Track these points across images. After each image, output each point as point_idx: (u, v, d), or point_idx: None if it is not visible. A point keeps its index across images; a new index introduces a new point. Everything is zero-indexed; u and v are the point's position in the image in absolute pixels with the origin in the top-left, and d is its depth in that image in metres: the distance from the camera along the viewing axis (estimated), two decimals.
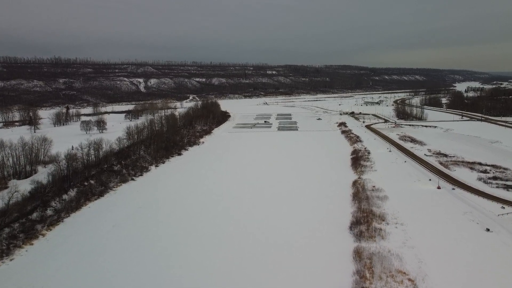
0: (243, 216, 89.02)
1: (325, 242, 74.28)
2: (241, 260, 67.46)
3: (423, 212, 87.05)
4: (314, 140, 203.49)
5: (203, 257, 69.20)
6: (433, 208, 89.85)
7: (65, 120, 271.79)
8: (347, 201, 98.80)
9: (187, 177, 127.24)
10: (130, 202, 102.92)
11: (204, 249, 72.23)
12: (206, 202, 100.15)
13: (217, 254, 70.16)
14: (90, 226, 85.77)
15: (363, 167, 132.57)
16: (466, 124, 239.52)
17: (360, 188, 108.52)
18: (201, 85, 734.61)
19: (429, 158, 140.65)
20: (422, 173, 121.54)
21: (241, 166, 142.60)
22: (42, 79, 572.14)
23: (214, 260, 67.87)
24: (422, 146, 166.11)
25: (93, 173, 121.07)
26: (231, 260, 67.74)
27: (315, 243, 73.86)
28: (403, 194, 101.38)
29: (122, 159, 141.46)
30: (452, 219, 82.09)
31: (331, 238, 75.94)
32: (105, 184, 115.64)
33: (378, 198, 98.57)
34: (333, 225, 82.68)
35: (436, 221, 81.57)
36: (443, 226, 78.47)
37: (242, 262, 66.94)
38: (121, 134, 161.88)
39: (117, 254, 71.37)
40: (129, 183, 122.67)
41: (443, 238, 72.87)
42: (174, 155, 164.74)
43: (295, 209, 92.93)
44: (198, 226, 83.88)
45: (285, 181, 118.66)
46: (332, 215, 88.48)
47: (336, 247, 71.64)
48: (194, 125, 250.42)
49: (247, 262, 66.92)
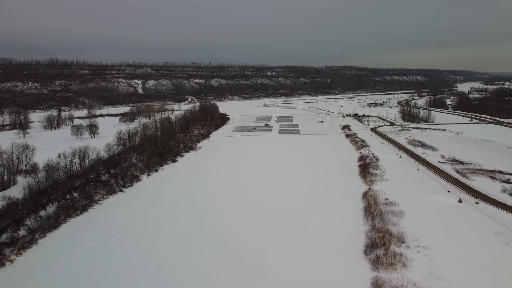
0: (242, 238, 78.08)
1: (336, 270, 63.45)
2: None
3: (447, 232, 76.21)
4: (317, 144, 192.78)
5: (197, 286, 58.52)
6: (458, 226, 79.03)
7: (57, 123, 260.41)
8: (358, 217, 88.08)
9: (181, 189, 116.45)
10: (116, 218, 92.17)
11: (198, 277, 61.43)
12: (199, 219, 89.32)
13: (213, 284, 59.42)
14: (66, 249, 75.00)
15: (373, 176, 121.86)
16: (477, 127, 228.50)
17: (372, 201, 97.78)
18: (200, 87, 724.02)
19: (443, 166, 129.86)
20: (438, 183, 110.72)
21: (240, 175, 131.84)
22: (37, 80, 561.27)
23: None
24: (434, 151, 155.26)
25: (77, 184, 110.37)
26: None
27: (324, 271, 63.04)
28: (421, 208, 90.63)
29: (111, 168, 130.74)
30: (482, 242, 71.21)
31: (344, 265, 65.08)
32: (90, 197, 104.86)
33: (393, 214, 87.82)
34: (345, 247, 71.89)
35: (464, 244, 70.70)
36: (474, 251, 67.57)
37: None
38: (111, 140, 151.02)
39: (95, 285, 60.68)
40: (117, 195, 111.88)
41: (476, 267, 61.97)
42: (168, 162, 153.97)
43: (301, 228, 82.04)
44: (189, 250, 73.05)
45: (288, 194, 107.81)
46: (342, 235, 77.69)
47: (350, 278, 60.84)
48: (192, 129, 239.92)
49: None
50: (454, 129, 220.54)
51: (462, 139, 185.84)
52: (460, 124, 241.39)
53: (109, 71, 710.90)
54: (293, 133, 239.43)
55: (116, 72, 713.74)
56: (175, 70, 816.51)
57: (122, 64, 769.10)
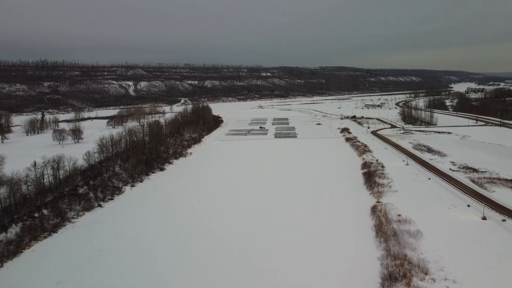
0: (232, 267, 65.97)
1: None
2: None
3: (477, 259, 64.61)
4: (315, 149, 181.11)
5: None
6: (487, 251, 67.42)
7: (40, 127, 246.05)
8: (369, 238, 76.39)
9: (166, 203, 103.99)
10: (89, 241, 79.64)
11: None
12: (186, 240, 77.12)
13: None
14: (25, 284, 62.45)
15: (380, 186, 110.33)
16: (483, 130, 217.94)
17: (383, 218, 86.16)
18: (194, 88, 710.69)
19: (456, 174, 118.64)
20: (454, 195, 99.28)
21: (233, 186, 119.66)
22: (25, 82, 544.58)
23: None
24: (443, 157, 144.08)
25: (49, 199, 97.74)
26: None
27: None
28: (440, 227, 79.08)
29: (91, 179, 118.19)
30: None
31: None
32: (62, 215, 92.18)
33: (409, 234, 76.19)
34: (357, 281, 60.08)
35: (501, 276, 59.13)
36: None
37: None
38: (93, 147, 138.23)
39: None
40: (95, 210, 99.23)
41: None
42: (155, 170, 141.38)
43: (303, 252, 70.10)
44: (174, 280, 60.74)
45: (287, 209, 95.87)
46: (352, 262, 65.86)
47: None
48: (183, 133, 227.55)
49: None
50: (459, 132, 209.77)
51: (470, 143, 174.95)
52: (465, 127, 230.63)
53: (100, 73, 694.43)
54: (290, 136, 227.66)
55: (107, 73, 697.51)
56: (168, 71, 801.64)
57: (113, 65, 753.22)
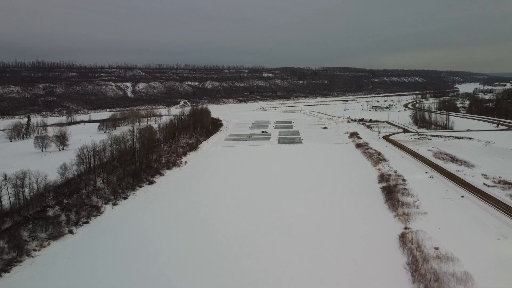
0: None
1: None
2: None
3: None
4: (323, 157, 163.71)
5: None
6: None
7: (26, 132, 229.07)
8: (403, 283, 59.14)
9: (151, 227, 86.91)
10: (49, 285, 62.67)
11: None
12: (173, 278, 60.02)
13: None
14: None
15: (405, 206, 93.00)
16: (507, 135, 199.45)
17: (417, 252, 68.98)
18: (194, 89, 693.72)
19: (493, 191, 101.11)
20: (500, 221, 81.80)
21: (231, 205, 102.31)
22: (20, 84, 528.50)
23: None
24: (470, 168, 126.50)
25: (7, 226, 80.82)
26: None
27: None
28: (492, 268, 61.94)
29: (65, 196, 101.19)
30: None
31: None
32: (21, 246, 75.21)
33: (456, 279, 59.13)
34: None
35: None
36: None
37: None
38: (71, 158, 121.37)
39: None
40: (64, 239, 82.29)
41: None
42: (143, 184, 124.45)
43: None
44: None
45: (293, 239, 78.59)
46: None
47: None
48: (179, 138, 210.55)
49: None
50: (480, 137, 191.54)
51: (497, 151, 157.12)
52: (485, 131, 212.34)
53: (98, 74, 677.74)
54: (294, 142, 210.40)
55: (105, 74, 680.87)
56: (168, 72, 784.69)
57: (112, 66, 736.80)
